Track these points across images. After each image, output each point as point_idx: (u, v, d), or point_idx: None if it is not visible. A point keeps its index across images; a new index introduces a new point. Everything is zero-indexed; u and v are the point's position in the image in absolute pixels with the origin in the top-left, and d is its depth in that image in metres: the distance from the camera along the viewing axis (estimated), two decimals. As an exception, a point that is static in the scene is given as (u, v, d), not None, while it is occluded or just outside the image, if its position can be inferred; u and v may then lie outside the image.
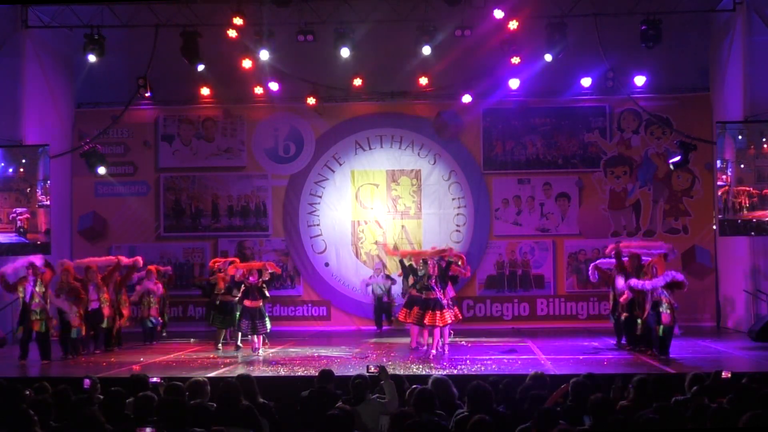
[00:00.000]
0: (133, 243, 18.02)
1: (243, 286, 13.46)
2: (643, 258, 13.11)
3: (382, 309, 16.96)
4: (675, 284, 12.07)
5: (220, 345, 14.19)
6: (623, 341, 13.59)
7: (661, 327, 12.02)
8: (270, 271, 13.72)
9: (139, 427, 5.62)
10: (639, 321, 12.46)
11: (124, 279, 14.66)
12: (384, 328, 16.90)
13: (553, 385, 7.58)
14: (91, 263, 14.13)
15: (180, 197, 18.53)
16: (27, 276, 13.04)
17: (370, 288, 17.10)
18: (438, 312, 12.57)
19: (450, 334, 13.81)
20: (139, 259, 14.98)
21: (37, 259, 13.33)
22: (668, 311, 12.02)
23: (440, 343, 12.93)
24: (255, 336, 13.38)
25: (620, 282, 13.26)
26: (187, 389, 7.17)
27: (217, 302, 14.37)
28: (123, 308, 14.59)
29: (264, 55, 16.46)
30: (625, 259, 13.28)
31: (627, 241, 15.04)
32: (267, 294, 13.54)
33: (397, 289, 16.89)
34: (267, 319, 13.50)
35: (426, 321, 12.64)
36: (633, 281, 12.47)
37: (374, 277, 17.15)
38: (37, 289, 12.95)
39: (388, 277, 17.04)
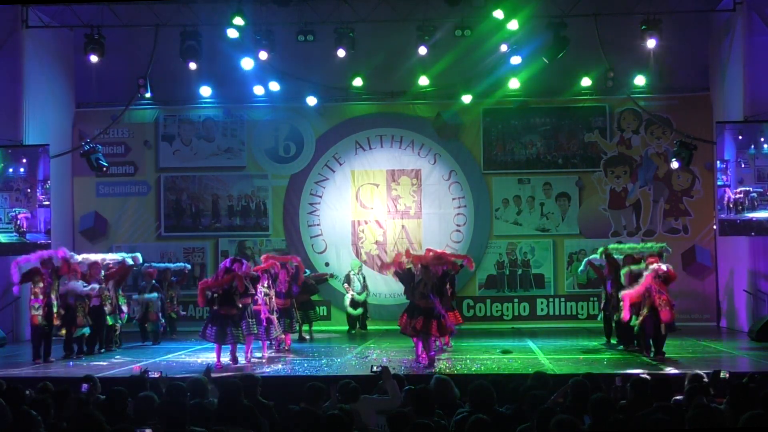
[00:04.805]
0: (134, 243, 18.01)
1: (217, 293, 12.16)
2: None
3: (356, 316, 16.95)
4: (666, 277, 12.05)
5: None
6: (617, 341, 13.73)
7: (663, 325, 11.99)
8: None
9: (138, 427, 5.62)
10: (637, 322, 12.40)
11: (122, 276, 14.57)
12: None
13: (554, 385, 7.58)
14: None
15: (180, 197, 18.53)
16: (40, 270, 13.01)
17: (349, 296, 16.97)
18: (435, 321, 11.71)
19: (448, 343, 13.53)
20: (138, 256, 14.97)
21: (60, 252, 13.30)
22: (667, 308, 11.97)
23: (434, 348, 12.37)
24: (223, 345, 12.13)
25: (609, 283, 13.65)
26: (188, 388, 7.17)
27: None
28: (123, 306, 14.54)
29: (264, 55, 16.48)
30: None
31: None
32: (239, 305, 12.23)
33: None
34: (240, 329, 12.14)
35: (420, 329, 11.75)
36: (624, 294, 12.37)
37: (351, 288, 16.95)
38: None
39: (365, 287, 16.99)
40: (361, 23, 16.48)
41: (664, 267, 12.19)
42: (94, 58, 16.30)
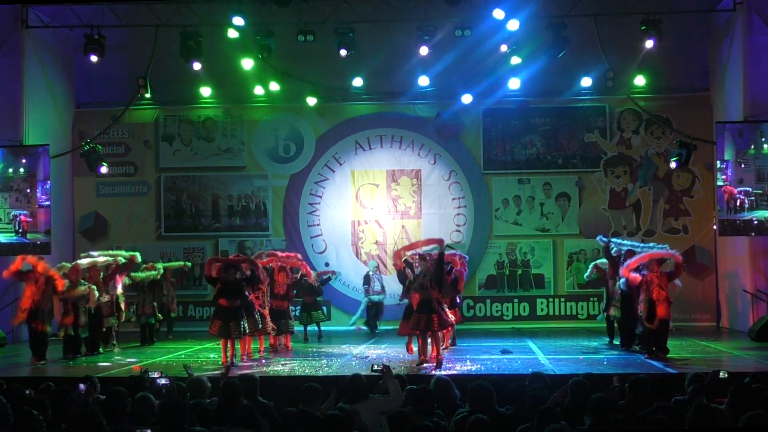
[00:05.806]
0: (134, 243, 17.98)
1: (219, 282, 12.15)
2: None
3: (376, 313, 16.91)
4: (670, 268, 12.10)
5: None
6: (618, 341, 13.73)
7: (657, 320, 11.98)
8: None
9: (138, 427, 5.62)
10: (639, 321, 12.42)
11: (122, 274, 14.53)
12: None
13: (553, 385, 7.58)
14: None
15: (180, 197, 18.54)
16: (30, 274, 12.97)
17: (366, 299, 16.94)
18: (435, 315, 11.51)
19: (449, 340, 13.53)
20: (137, 255, 14.96)
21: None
22: (665, 304, 11.98)
23: (441, 347, 12.10)
24: (228, 341, 12.12)
25: (611, 282, 13.51)
26: (187, 388, 7.17)
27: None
28: (121, 305, 14.52)
29: (265, 55, 16.47)
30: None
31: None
32: (246, 293, 12.29)
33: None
34: (244, 322, 12.10)
35: (422, 326, 11.61)
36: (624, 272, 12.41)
37: (371, 288, 16.93)
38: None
39: (383, 288, 16.88)
40: (361, 23, 16.47)
41: (672, 251, 12.28)
42: (94, 58, 16.31)
